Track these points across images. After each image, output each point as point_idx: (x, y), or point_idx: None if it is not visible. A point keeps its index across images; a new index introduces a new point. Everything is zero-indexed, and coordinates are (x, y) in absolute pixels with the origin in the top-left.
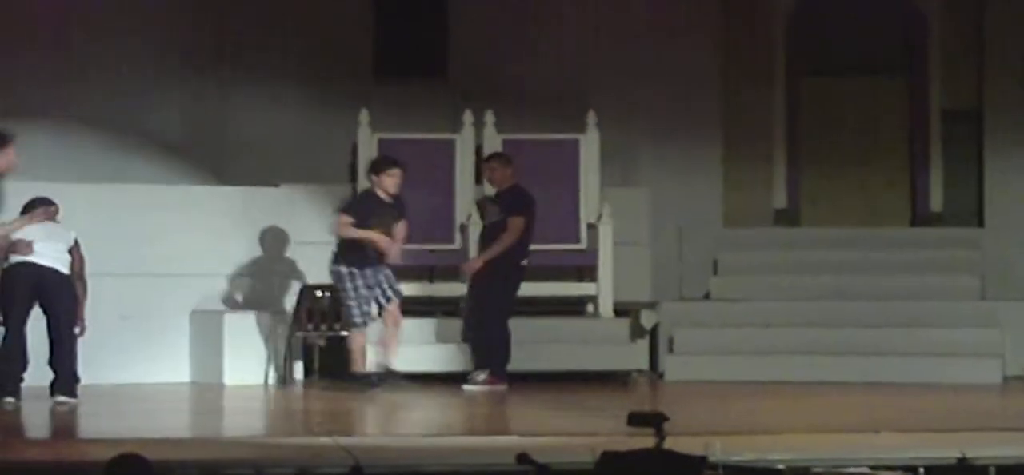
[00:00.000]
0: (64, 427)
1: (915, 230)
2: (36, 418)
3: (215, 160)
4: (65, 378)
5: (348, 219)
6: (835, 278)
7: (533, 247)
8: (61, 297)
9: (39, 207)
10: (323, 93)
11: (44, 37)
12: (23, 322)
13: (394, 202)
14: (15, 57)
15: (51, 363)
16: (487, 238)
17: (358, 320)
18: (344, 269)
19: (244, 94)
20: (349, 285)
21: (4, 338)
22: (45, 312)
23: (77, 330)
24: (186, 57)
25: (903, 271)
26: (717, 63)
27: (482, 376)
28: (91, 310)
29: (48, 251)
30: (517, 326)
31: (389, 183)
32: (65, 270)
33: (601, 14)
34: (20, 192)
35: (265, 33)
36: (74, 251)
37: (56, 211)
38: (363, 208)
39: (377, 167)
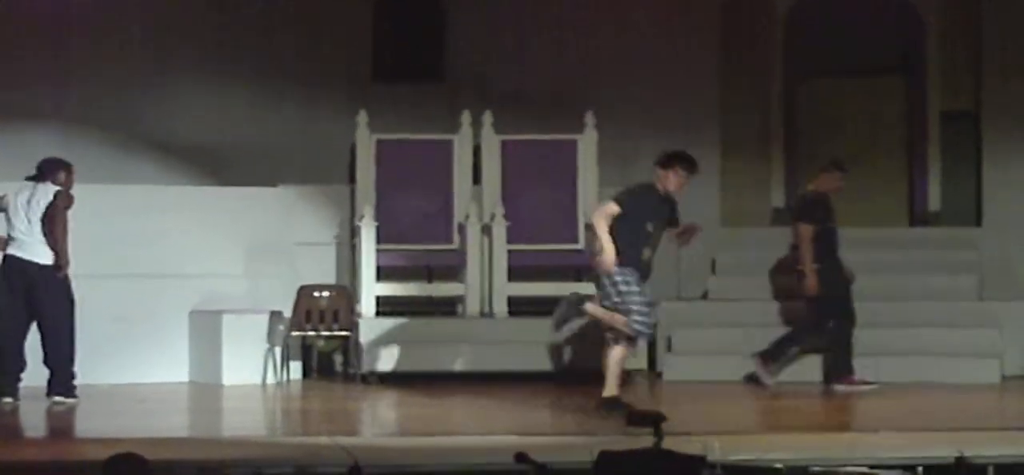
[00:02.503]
0: (62, 427)
1: (913, 230)
2: (34, 418)
3: (214, 161)
4: (60, 377)
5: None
6: None
7: (530, 247)
8: (46, 290)
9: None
10: (321, 95)
11: (43, 38)
12: (13, 319)
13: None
14: (13, 58)
15: (45, 361)
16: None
17: (638, 326)
18: (618, 270)
19: (243, 95)
20: (625, 288)
21: None
22: (34, 308)
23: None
24: (186, 58)
25: (901, 271)
26: (715, 64)
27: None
28: (90, 311)
29: (29, 241)
30: (516, 327)
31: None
32: (47, 261)
33: (599, 15)
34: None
35: (263, 35)
36: (50, 207)
37: (47, 174)
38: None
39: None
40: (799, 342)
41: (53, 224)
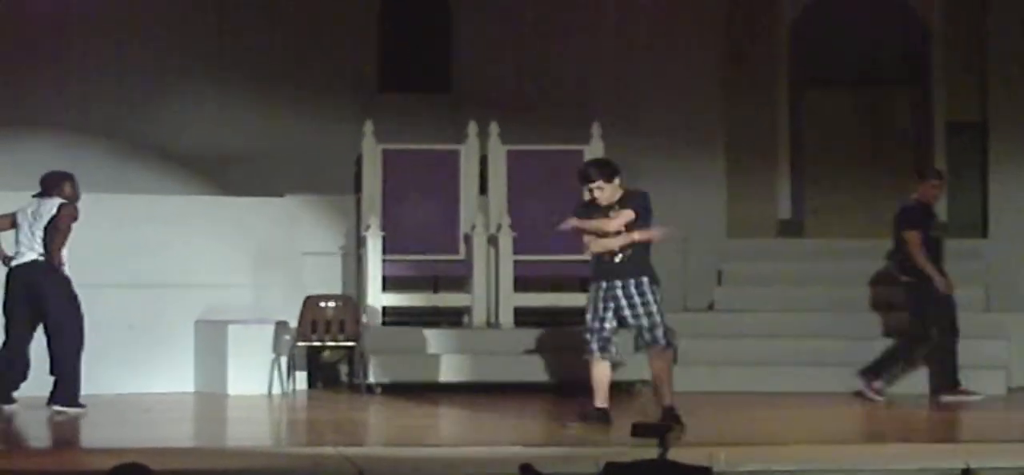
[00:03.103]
0: (67, 436)
1: None
2: (39, 427)
3: (219, 170)
4: (60, 385)
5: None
6: (839, 289)
7: (536, 258)
8: (50, 292)
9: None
10: (328, 104)
11: (46, 47)
12: (19, 329)
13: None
14: (16, 67)
15: (51, 370)
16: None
17: (591, 347)
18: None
19: (248, 105)
20: (589, 299)
21: (4, 344)
22: (38, 313)
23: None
24: (190, 67)
25: None
26: (720, 74)
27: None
28: (95, 320)
29: (31, 252)
30: (522, 337)
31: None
32: (43, 256)
33: (605, 26)
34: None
35: (269, 44)
36: (54, 219)
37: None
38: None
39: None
40: (905, 356)
41: (54, 234)
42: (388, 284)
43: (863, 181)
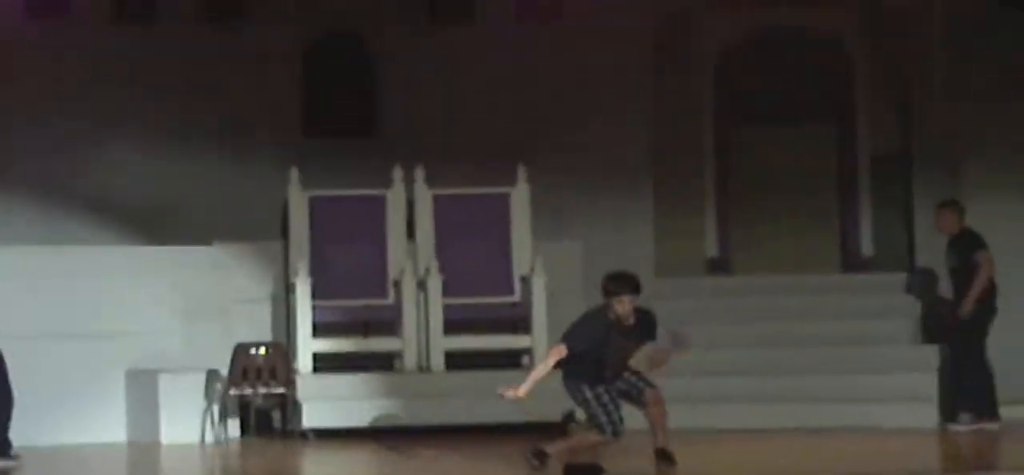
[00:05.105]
0: None
1: (846, 276)
2: None
3: (148, 220)
4: None
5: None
6: (768, 325)
7: (465, 301)
8: None
9: None
10: (253, 152)
11: None
12: None
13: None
14: None
15: None
16: (958, 284)
17: (607, 430)
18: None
19: (175, 154)
20: (589, 395)
21: None
22: None
23: None
24: (117, 118)
25: (836, 317)
26: (646, 115)
27: (967, 417)
28: (26, 372)
29: None
30: (454, 380)
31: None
32: None
33: (531, 69)
34: None
35: (195, 94)
36: None
37: None
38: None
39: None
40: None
41: None
42: (318, 330)
43: (789, 217)
